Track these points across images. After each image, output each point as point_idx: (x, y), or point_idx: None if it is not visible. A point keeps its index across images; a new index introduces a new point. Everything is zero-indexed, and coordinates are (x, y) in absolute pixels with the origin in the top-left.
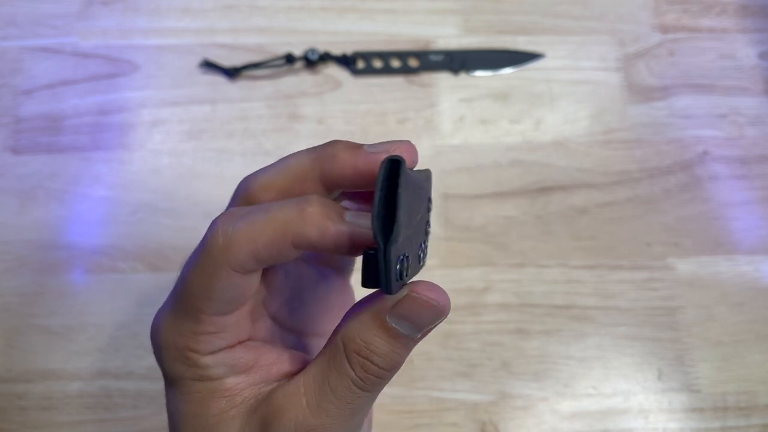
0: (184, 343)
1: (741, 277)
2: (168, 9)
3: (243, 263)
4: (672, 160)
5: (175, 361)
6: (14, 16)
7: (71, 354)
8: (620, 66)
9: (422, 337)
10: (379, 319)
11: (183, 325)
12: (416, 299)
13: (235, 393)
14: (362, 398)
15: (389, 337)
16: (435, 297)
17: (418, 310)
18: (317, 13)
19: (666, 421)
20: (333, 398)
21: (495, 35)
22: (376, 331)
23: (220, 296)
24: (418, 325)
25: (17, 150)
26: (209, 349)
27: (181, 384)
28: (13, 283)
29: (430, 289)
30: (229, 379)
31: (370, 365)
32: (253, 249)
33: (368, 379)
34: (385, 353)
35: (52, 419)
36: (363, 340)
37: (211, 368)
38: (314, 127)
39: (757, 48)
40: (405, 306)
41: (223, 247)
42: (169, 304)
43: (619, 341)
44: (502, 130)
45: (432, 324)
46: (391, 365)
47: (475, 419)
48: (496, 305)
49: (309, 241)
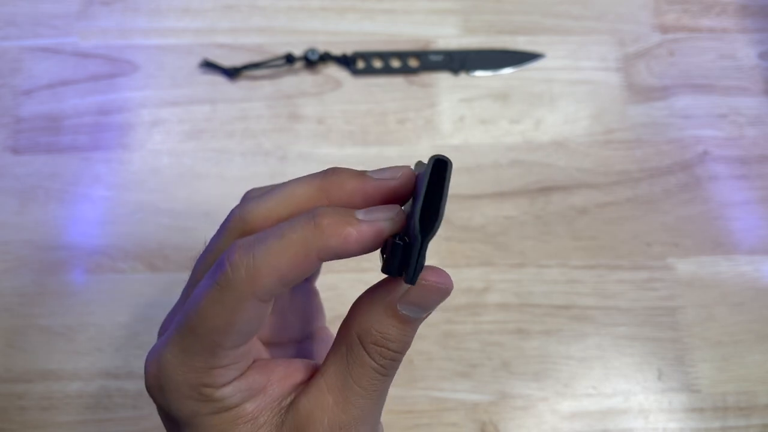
0: (198, 380)
1: (741, 277)
2: (168, 9)
3: (270, 291)
4: (672, 160)
5: (188, 400)
6: (14, 16)
7: (71, 354)
8: (620, 66)
9: (427, 315)
10: (391, 308)
11: (196, 361)
12: (426, 286)
13: (257, 415)
14: (384, 383)
15: (400, 323)
16: (443, 281)
17: (427, 296)
18: (317, 13)
19: (666, 421)
20: (359, 390)
21: (495, 35)
22: (389, 320)
23: (242, 329)
24: (426, 308)
25: (17, 150)
26: (224, 381)
27: (197, 422)
28: (13, 283)
29: (438, 274)
30: (247, 404)
31: (387, 351)
32: (279, 275)
33: (387, 364)
34: (398, 338)
35: (52, 419)
36: (378, 330)
37: (228, 399)
38: (314, 127)
39: (757, 48)
40: (416, 293)
41: (247, 279)
42: (175, 342)
43: (619, 341)
44: (502, 130)
45: (437, 304)
46: (403, 346)
47: (475, 419)
48: (496, 305)
49: (334, 251)
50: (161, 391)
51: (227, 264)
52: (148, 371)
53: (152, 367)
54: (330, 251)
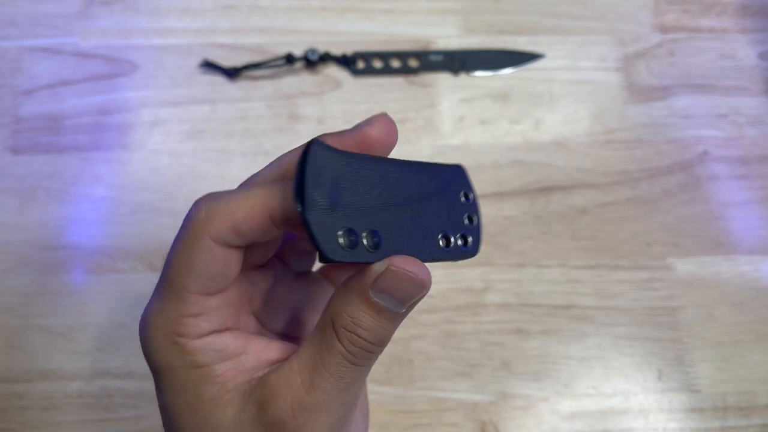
0: (171, 328)
1: (741, 277)
2: (168, 9)
3: (223, 234)
4: (672, 160)
5: (164, 349)
6: (14, 16)
7: (71, 354)
8: (620, 66)
9: (407, 311)
10: (363, 294)
11: (169, 309)
12: (395, 273)
13: (226, 379)
14: (354, 372)
15: (373, 311)
16: (413, 270)
17: (397, 284)
18: (317, 13)
19: (666, 421)
20: (326, 374)
21: (495, 35)
22: (360, 305)
23: (202, 270)
24: (400, 299)
25: (17, 150)
26: (196, 332)
27: (171, 374)
28: (13, 283)
29: (409, 262)
30: (218, 365)
31: (358, 339)
32: (233, 221)
33: (357, 353)
34: (371, 327)
35: (52, 419)
36: (349, 314)
37: (199, 354)
38: (314, 127)
39: (757, 48)
40: (385, 280)
41: (204, 220)
42: (155, 293)
43: (619, 341)
44: (502, 130)
45: (413, 298)
46: (378, 339)
47: (475, 419)
48: (496, 305)
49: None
50: (145, 342)
51: (193, 207)
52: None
53: (140, 322)
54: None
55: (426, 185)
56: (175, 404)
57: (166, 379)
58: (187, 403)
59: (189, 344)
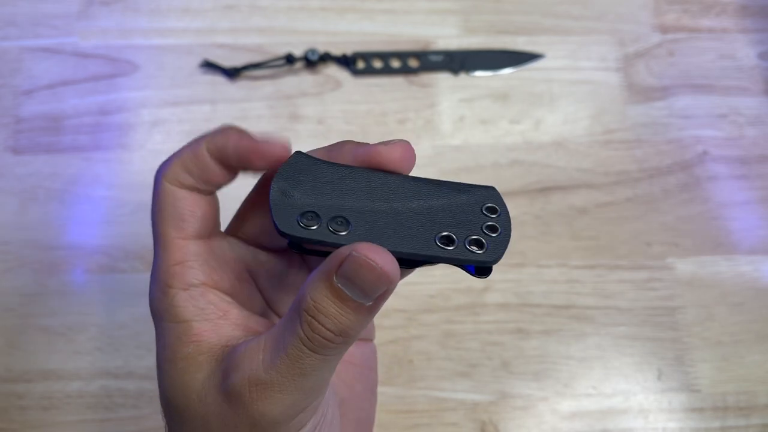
0: (162, 279)
1: (741, 277)
2: (168, 9)
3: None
4: (672, 160)
5: (157, 301)
6: (14, 16)
7: (71, 354)
8: (620, 66)
9: (375, 305)
10: (328, 279)
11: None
12: (356, 259)
13: (201, 340)
14: (312, 359)
15: (336, 298)
16: (375, 258)
17: (359, 272)
18: (317, 14)
19: (666, 421)
20: (285, 357)
21: (495, 35)
22: (324, 291)
23: (170, 212)
24: (363, 290)
25: (17, 150)
26: (182, 281)
27: (161, 328)
28: (13, 283)
29: (373, 250)
30: (196, 323)
31: (317, 325)
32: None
33: (315, 339)
34: (333, 315)
35: (52, 419)
36: (312, 299)
37: (182, 306)
38: (314, 127)
39: (757, 48)
40: (348, 266)
41: (160, 169)
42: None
43: (619, 341)
44: (502, 131)
45: (376, 289)
46: (340, 329)
47: (475, 419)
48: (495, 305)
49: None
50: (150, 299)
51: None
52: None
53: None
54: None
55: (437, 197)
56: (160, 359)
57: (157, 333)
58: (167, 358)
59: (176, 295)
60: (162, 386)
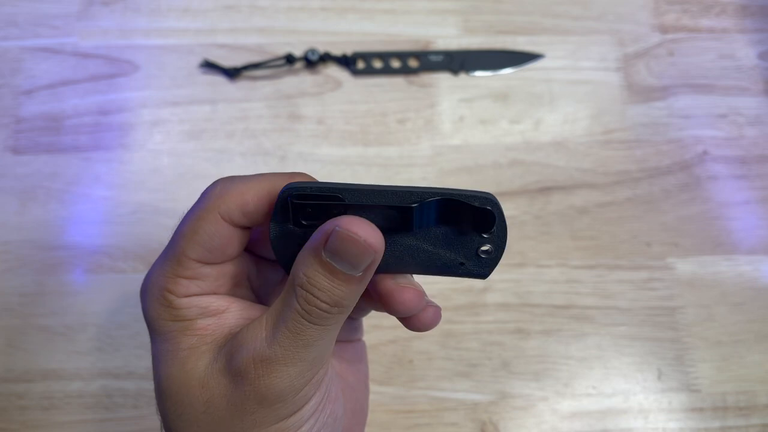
0: (164, 284)
1: (741, 277)
2: (168, 9)
3: (231, 211)
4: (671, 160)
5: (155, 303)
6: (14, 16)
7: (71, 354)
8: (620, 66)
9: (364, 275)
10: (317, 255)
11: (167, 267)
12: (340, 234)
13: (206, 332)
14: (312, 330)
15: (327, 272)
16: (357, 231)
17: (343, 245)
18: (317, 14)
19: (666, 421)
20: (285, 329)
21: (495, 35)
22: (315, 266)
23: (204, 241)
24: (351, 262)
25: (17, 150)
26: (184, 292)
27: (159, 327)
28: (13, 283)
29: (355, 223)
30: (200, 320)
31: (313, 298)
32: (242, 200)
33: (313, 312)
34: (327, 288)
35: (52, 419)
36: (305, 274)
37: (184, 309)
38: (314, 127)
39: (757, 48)
40: (333, 241)
41: (217, 195)
42: (161, 255)
43: (619, 341)
44: (502, 130)
45: (363, 261)
46: (334, 300)
47: (475, 419)
48: (495, 305)
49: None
50: (144, 297)
51: (211, 184)
52: (142, 283)
53: (143, 282)
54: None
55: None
56: (158, 351)
57: (155, 332)
58: (167, 350)
59: (176, 301)
60: (159, 378)
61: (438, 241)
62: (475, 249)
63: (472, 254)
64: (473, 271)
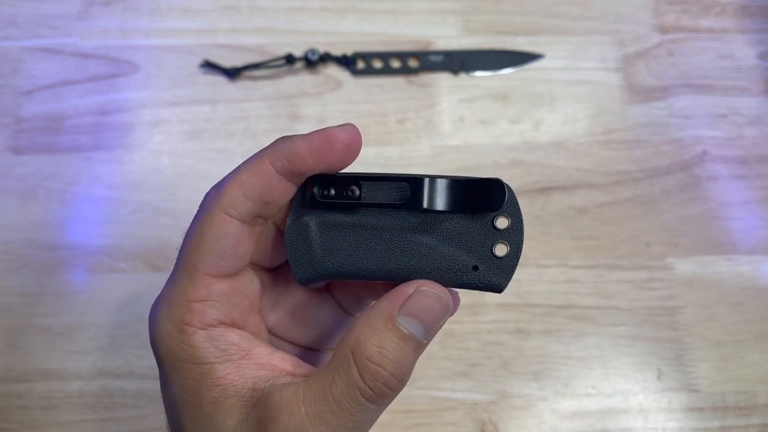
0: (179, 315)
1: (740, 277)
2: (168, 9)
3: (234, 201)
4: (671, 160)
5: (169, 337)
6: (15, 17)
7: (72, 354)
8: (620, 66)
9: (428, 341)
10: (391, 320)
11: (178, 292)
12: (425, 292)
13: (227, 383)
14: (368, 412)
15: (399, 339)
16: (441, 291)
17: (427, 304)
18: (317, 14)
19: (665, 421)
20: (336, 410)
21: (495, 36)
22: (387, 333)
23: (212, 245)
24: (427, 323)
25: (18, 150)
26: (202, 320)
27: (174, 368)
28: (13, 283)
29: (435, 284)
30: (219, 365)
31: (382, 372)
32: (240, 184)
33: (377, 389)
34: (397, 358)
35: (52, 419)
36: (375, 344)
37: (203, 349)
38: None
39: (757, 48)
40: (415, 301)
41: (214, 194)
42: (169, 280)
43: (619, 341)
44: (502, 131)
45: (440, 321)
46: (402, 372)
47: (475, 419)
48: (495, 305)
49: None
50: (152, 329)
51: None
52: (150, 312)
53: (152, 307)
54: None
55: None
56: (178, 400)
57: (169, 371)
58: (188, 402)
59: (193, 336)
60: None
61: (450, 237)
62: (490, 248)
63: (486, 254)
64: (488, 277)
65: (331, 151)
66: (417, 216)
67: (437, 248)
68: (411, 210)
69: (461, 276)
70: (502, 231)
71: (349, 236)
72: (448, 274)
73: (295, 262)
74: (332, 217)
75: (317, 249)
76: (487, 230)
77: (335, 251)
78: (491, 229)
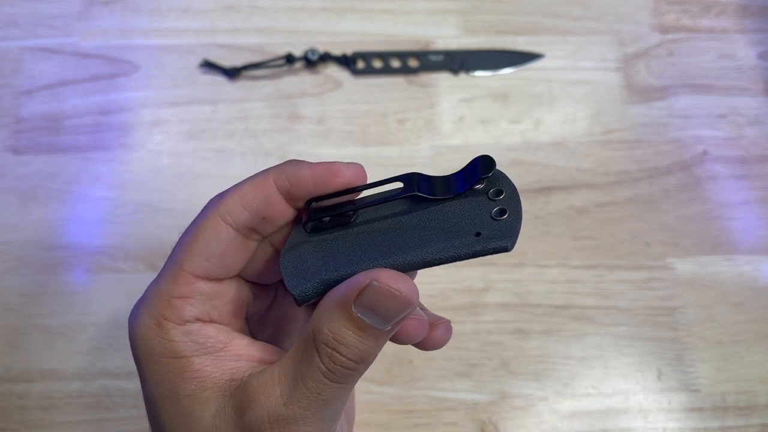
0: (158, 310)
1: (740, 277)
2: (168, 9)
3: (232, 210)
4: (671, 160)
5: (148, 332)
6: (15, 17)
7: (71, 354)
8: (620, 66)
9: (393, 329)
10: (346, 309)
11: (161, 289)
12: (378, 288)
13: (204, 375)
14: (333, 389)
15: (356, 328)
16: (397, 287)
17: (381, 300)
18: (317, 14)
19: (665, 421)
20: (304, 389)
21: (495, 35)
22: (343, 321)
23: (202, 248)
24: (384, 317)
25: (17, 150)
26: (180, 316)
27: (152, 362)
28: (13, 283)
29: (393, 278)
30: (196, 358)
31: (338, 356)
32: (241, 196)
33: (337, 371)
34: (353, 344)
35: (52, 419)
36: (330, 330)
37: (180, 342)
38: (314, 127)
39: (757, 48)
40: (368, 296)
41: (216, 200)
42: (156, 277)
43: (619, 341)
44: (502, 131)
45: (398, 315)
46: (361, 357)
47: (475, 419)
48: (495, 305)
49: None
50: (131, 324)
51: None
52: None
53: (134, 305)
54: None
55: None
56: (155, 396)
57: (147, 367)
58: (166, 397)
59: (171, 330)
60: (160, 425)
61: (449, 219)
62: (489, 214)
63: (486, 220)
64: (493, 239)
65: (333, 184)
66: (413, 210)
67: (437, 230)
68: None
69: (466, 246)
70: (498, 200)
71: (345, 243)
72: (452, 249)
73: (290, 280)
74: (328, 235)
75: (313, 264)
76: (483, 204)
77: (331, 259)
78: (487, 201)
